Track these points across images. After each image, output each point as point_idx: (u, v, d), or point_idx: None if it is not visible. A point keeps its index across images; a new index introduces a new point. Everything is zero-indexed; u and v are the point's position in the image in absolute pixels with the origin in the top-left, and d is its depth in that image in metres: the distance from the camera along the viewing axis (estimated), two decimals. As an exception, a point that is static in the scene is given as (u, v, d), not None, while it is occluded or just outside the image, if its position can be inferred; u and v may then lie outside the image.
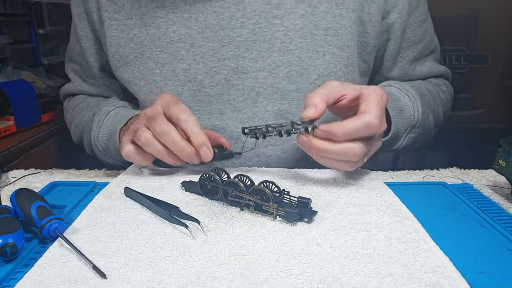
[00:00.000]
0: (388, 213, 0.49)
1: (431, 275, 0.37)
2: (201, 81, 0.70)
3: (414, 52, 0.77)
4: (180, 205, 0.51)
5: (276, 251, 0.42)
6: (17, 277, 0.39)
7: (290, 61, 0.68)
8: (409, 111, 0.68)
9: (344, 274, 0.38)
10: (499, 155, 0.53)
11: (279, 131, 0.55)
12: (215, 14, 0.67)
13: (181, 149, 0.57)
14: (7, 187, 0.61)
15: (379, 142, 0.57)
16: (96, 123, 0.71)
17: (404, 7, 0.72)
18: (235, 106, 0.71)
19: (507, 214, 0.49)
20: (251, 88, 0.69)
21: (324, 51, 0.69)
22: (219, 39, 0.68)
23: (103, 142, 0.71)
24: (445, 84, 0.84)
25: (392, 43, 0.75)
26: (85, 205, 0.53)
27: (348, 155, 0.51)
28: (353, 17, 0.69)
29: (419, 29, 0.76)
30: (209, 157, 0.57)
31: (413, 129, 0.69)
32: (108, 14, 0.71)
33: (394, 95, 0.68)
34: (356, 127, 0.50)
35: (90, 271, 0.39)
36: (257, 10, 0.67)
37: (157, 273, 0.38)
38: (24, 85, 1.17)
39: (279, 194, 0.49)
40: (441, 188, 0.57)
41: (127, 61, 0.72)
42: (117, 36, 0.71)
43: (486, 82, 1.51)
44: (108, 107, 0.73)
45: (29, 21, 1.59)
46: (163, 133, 0.56)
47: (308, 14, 0.68)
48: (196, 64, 0.69)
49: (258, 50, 0.68)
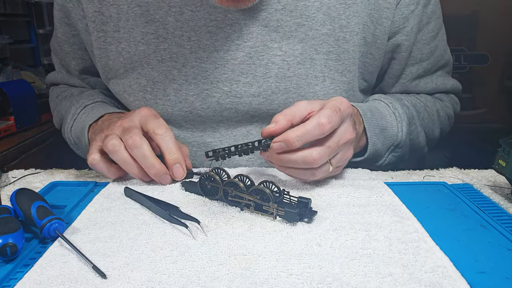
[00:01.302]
0: (388, 213, 0.49)
1: (431, 275, 0.37)
2: (192, 103, 0.67)
3: (419, 70, 0.73)
4: (180, 205, 0.51)
5: (276, 251, 0.42)
6: (17, 277, 0.39)
7: (288, 88, 0.66)
8: (393, 130, 0.66)
9: (344, 274, 0.38)
10: (499, 155, 0.53)
11: (240, 152, 0.56)
12: (209, 34, 0.64)
13: (151, 166, 0.55)
14: (7, 187, 0.61)
15: (348, 150, 0.56)
16: (71, 116, 0.71)
17: (412, 29, 0.68)
18: (229, 125, 0.69)
19: (507, 214, 0.49)
20: (245, 112, 0.67)
21: (324, 76, 0.66)
22: (212, 60, 0.65)
23: (75, 135, 0.70)
24: (451, 100, 0.80)
25: (397, 63, 0.72)
26: (85, 205, 0.53)
27: (307, 161, 0.51)
28: (357, 40, 0.66)
29: (427, 47, 0.72)
30: (181, 175, 0.57)
31: (397, 149, 0.67)
32: (95, 25, 0.67)
33: (380, 112, 0.66)
34: (306, 128, 0.50)
35: (90, 271, 0.39)
36: (254, 33, 0.63)
37: (157, 273, 0.38)
38: (24, 85, 1.17)
39: (279, 194, 0.49)
40: (441, 188, 0.57)
41: (117, 74, 0.70)
42: (106, 48, 0.68)
43: (486, 82, 1.51)
44: (85, 101, 0.71)
45: (29, 21, 1.59)
46: (135, 146, 0.54)
47: (309, 38, 0.64)
48: (187, 85, 0.66)
49: (254, 74, 0.65)
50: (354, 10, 0.65)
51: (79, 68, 0.77)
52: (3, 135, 1.04)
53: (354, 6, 0.64)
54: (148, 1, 0.64)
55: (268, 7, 0.63)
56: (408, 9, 0.67)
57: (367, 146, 0.65)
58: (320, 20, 0.64)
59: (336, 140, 0.52)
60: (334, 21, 0.64)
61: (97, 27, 0.67)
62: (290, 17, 0.63)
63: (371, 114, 0.65)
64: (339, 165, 0.56)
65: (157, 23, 0.65)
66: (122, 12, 0.66)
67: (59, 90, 0.83)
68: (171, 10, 0.64)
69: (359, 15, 0.65)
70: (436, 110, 0.76)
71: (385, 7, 0.66)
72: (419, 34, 0.71)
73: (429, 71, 0.75)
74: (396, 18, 0.67)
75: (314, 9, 0.63)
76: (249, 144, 0.55)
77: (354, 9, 0.65)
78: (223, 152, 0.56)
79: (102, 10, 0.66)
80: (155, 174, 0.56)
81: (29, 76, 1.37)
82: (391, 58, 0.72)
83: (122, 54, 0.67)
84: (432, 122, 0.75)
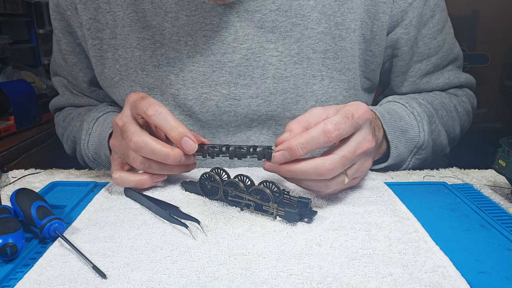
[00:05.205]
0: (388, 213, 0.49)
1: (431, 275, 0.37)
2: (191, 107, 0.66)
3: (428, 66, 0.71)
4: (180, 205, 0.51)
5: (276, 251, 0.42)
6: (17, 277, 0.39)
7: (285, 88, 0.65)
8: (414, 131, 0.62)
9: (344, 274, 0.38)
10: (499, 155, 0.53)
11: (232, 154, 0.51)
12: (204, 38, 0.63)
13: (165, 156, 0.51)
14: (7, 187, 0.61)
15: (366, 161, 0.51)
16: (85, 131, 0.68)
17: (411, 22, 0.66)
18: (228, 130, 0.68)
19: (507, 214, 0.49)
20: (244, 114, 0.66)
21: (322, 75, 0.65)
22: (210, 64, 0.64)
23: (93, 150, 0.67)
24: (466, 94, 0.77)
25: (400, 60, 0.70)
26: (85, 205, 0.53)
27: (320, 172, 0.46)
28: (355, 38, 0.65)
29: (434, 41, 0.70)
30: (193, 147, 0.51)
31: (420, 151, 0.64)
32: (90, 32, 0.67)
33: (397, 114, 0.63)
34: (311, 135, 0.46)
35: (90, 271, 0.39)
36: (249, 34, 0.63)
37: (157, 273, 0.38)
38: (24, 85, 1.17)
39: (279, 194, 0.49)
40: (441, 188, 0.57)
41: (112, 83, 0.69)
42: (101, 56, 0.67)
43: (486, 82, 1.51)
44: (96, 113, 0.69)
45: (29, 21, 1.59)
46: (138, 147, 0.51)
47: (305, 37, 0.63)
48: (185, 90, 0.66)
49: (251, 76, 0.64)
50: (349, 6, 0.64)
51: (87, 79, 0.75)
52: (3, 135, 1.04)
53: (349, 3, 0.64)
54: (145, 8, 0.64)
55: (263, 8, 0.62)
56: (405, 2, 0.65)
57: (388, 152, 0.62)
58: (315, 19, 0.63)
59: (352, 149, 0.47)
60: (329, 19, 0.64)
61: (92, 35, 0.67)
62: (285, 17, 0.63)
63: (389, 116, 0.61)
64: (355, 176, 0.51)
65: (153, 29, 0.64)
66: (118, 18, 0.65)
67: (65, 113, 0.81)
68: (167, 16, 0.64)
69: (355, 12, 0.64)
70: (454, 106, 0.72)
71: (382, 2, 0.64)
72: (424, 29, 0.69)
73: (439, 67, 0.72)
74: (394, 12, 0.65)
75: (309, 8, 0.63)
76: (243, 148, 0.51)
77: (349, 5, 0.64)
78: (212, 149, 0.52)
79: (98, 17, 0.66)
80: (174, 161, 0.52)
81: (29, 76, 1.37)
82: (392, 56, 0.70)
83: (119, 61, 0.67)
84: (452, 119, 0.71)
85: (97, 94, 0.78)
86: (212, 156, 0.53)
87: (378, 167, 0.63)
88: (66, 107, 0.82)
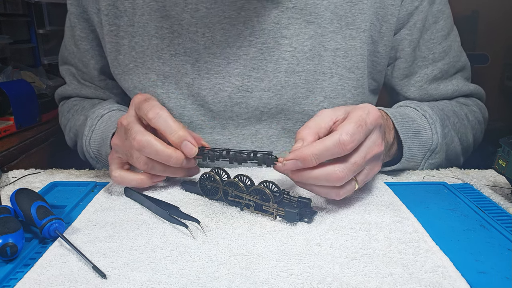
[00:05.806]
0: (388, 213, 0.49)
1: (431, 275, 0.37)
2: (204, 97, 0.68)
3: (434, 71, 0.71)
4: (180, 205, 0.51)
5: (276, 251, 0.42)
6: (17, 277, 0.39)
7: (296, 83, 0.66)
8: (426, 133, 0.61)
9: (344, 274, 0.38)
10: (499, 155, 0.53)
11: (232, 158, 0.52)
12: (222, 30, 0.65)
13: (167, 158, 0.52)
14: (7, 187, 0.61)
15: (376, 166, 0.51)
16: (89, 127, 0.68)
17: (416, 24, 0.68)
18: (238, 123, 0.69)
19: (507, 214, 0.49)
20: (255, 107, 0.68)
21: (332, 72, 0.67)
22: (225, 56, 0.66)
23: (94, 147, 0.67)
24: (477, 104, 0.76)
25: (402, 61, 0.71)
26: (85, 205, 0.53)
27: (331, 179, 0.45)
28: (364, 38, 0.67)
29: (438, 46, 0.71)
30: (194, 151, 0.52)
31: (433, 155, 0.63)
32: (108, 18, 0.68)
33: (409, 117, 0.62)
34: (326, 146, 0.45)
35: (90, 271, 0.39)
36: (265, 29, 0.65)
37: (157, 273, 0.38)
38: (24, 85, 1.17)
39: (279, 194, 0.49)
40: (441, 188, 0.57)
41: (126, 70, 0.70)
42: (117, 42, 0.68)
43: (486, 82, 1.51)
44: (101, 110, 0.69)
45: (29, 21, 1.59)
46: (142, 147, 0.51)
47: (318, 35, 0.66)
48: (200, 80, 0.67)
49: (265, 69, 0.66)
50: (360, 7, 0.66)
51: (99, 67, 0.76)
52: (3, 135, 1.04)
53: (360, 4, 0.66)
54: None
55: (280, 6, 0.65)
56: (412, 5, 0.68)
57: (399, 154, 0.61)
58: (328, 19, 0.66)
59: (362, 155, 0.47)
60: (341, 19, 0.66)
61: (110, 21, 0.68)
62: (300, 15, 0.65)
63: (401, 117, 0.61)
64: (365, 180, 0.51)
65: (172, 19, 0.66)
66: (137, 6, 0.67)
67: (70, 104, 0.81)
68: (187, 7, 0.65)
69: (365, 13, 0.66)
70: (465, 114, 0.72)
71: (390, 4, 0.67)
72: (427, 33, 0.70)
73: (447, 73, 0.73)
74: (401, 15, 0.68)
75: (322, 7, 0.65)
76: (243, 153, 0.51)
77: (360, 6, 0.66)
78: (212, 153, 0.53)
79: (117, 4, 0.67)
80: (176, 163, 0.52)
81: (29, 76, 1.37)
82: (395, 58, 0.72)
83: (135, 48, 0.68)
84: (464, 126, 0.71)
85: (106, 84, 0.79)
86: (212, 160, 0.53)
87: (389, 169, 0.62)
88: (72, 97, 0.83)
